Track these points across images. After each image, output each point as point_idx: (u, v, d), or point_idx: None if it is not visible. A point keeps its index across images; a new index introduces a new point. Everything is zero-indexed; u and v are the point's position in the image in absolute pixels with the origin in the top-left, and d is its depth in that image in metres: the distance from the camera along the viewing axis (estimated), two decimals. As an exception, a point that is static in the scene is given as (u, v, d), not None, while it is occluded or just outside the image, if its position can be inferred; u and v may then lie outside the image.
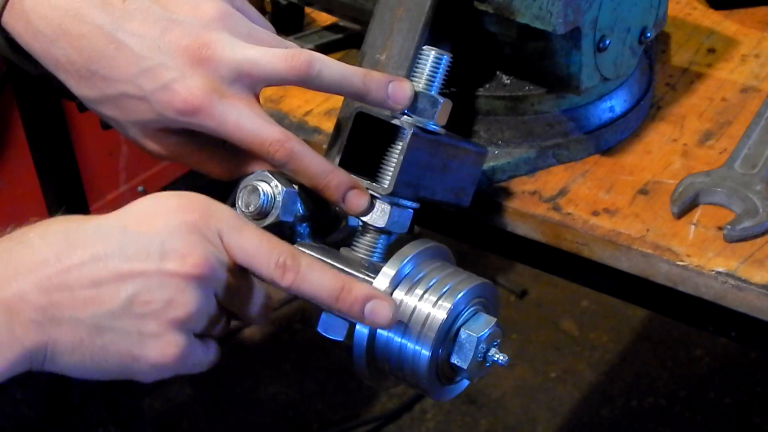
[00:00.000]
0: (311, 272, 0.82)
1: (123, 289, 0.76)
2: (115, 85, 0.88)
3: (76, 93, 0.91)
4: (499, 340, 0.87)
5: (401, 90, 0.89)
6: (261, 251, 0.81)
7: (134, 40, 0.87)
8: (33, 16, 0.89)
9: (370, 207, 0.89)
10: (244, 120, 0.87)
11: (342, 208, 0.89)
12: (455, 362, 0.86)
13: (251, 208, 0.87)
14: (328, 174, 0.88)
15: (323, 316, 0.89)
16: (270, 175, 0.87)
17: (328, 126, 1.14)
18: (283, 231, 0.89)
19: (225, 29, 0.88)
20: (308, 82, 0.88)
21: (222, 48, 0.87)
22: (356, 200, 0.89)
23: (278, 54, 0.87)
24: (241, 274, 0.82)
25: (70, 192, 1.57)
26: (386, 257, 0.89)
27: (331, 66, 0.88)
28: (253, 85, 0.88)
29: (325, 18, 1.28)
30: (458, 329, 0.85)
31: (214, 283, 0.79)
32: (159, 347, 0.78)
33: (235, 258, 0.81)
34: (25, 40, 0.91)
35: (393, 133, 0.90)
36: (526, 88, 1.08)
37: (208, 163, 0.93)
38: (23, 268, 0.75)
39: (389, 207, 0.90)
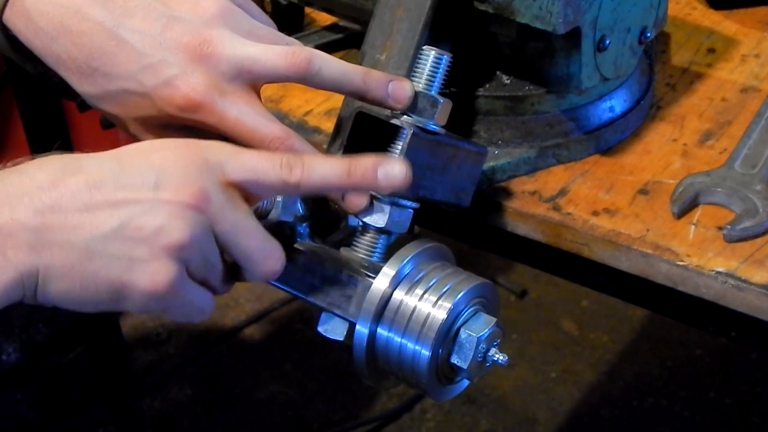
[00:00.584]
0: (316, 162, 0.82)
1: (116, 214, 0.76)
2: (116, 82, 0.89)
3: (78, 90, 0.91)
4: (499, 340, 0.87)
5: (401, 89, 0.89)
6: (263, 160, 0.80)
7: (135, 36, 0.87)
8: (34, 14, 0.90)
9: (369, 206, 0.89)
10: (244, 116, 0.87)
11: (341, 207, 0.89)
12: (455, 362, 0.86)
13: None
14: (327, 175, 0.88)
15: (323, 316, 0.89)
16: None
17: (328, 126, 1.14)
18: (283, 231, 0.89)
19: (226, 26, 0.88)
20: (308, 79, 0.88)
21: (222, 45, 0.87)
22: (355, 199, 0.89)
23: (278, 51, 0.87)
24: (244, 213, 0.80)
25: (70, 192, 1.57)
26: (386, 257, 0.89)
27: (331, 64, 0.88)
28: (254, 81, 0.88)
29: (325, 18, 1.28)
30: (458, 329, 0.85)
31: (213, 217, 0.78)
32: (149, 274, 0.77)
33: (240, 179, 0.80)
34: (26, 38, 0.91)
35: (393, 133, 0.90)
36: (526, 88, 1.08)
37: None
38: (17, 192, 0.75)
39: (389, 207, 0.90)
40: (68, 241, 0.76)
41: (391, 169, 0.84)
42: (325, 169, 0.82)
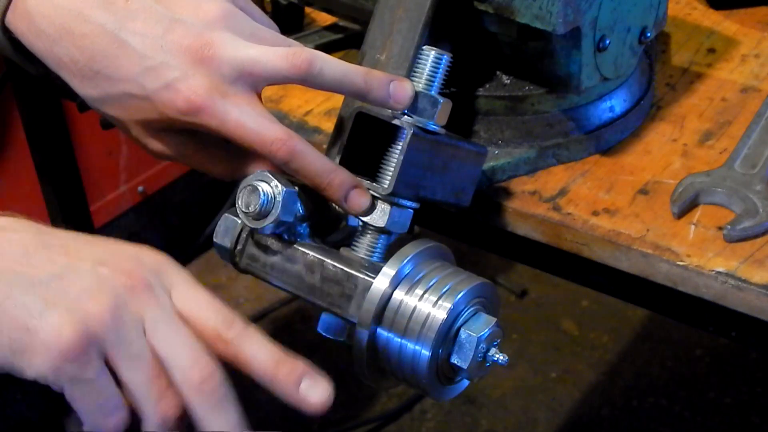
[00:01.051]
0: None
1: (50, 269, 0.74)
2: (118, 85, 0.89)
3: (79, 92, 0.91)
4: (499, 340, 0.87)
5: (402, 89, 0.89)
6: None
7: (137, 39, 0.87)
8: (36, 16, 0.90)
9: (372, 207, 0.89)
10: (245, 119, 0.87)
11: (343, 208, 0.89)
12: (455, 362, 0.86)
13: (251, 208, 0.87)
14: (330, 173, 0.88)
15: (323, 316, 0.89)
16: (270, 175, 0.87)
17: (328, 126, 1.14)
18: (283, 231, 0.89)
19: (227, 28, 0.88)
20: (309, 80, 0.88)
21: (224, 47, 0.87)
22: (358, 200, 0.89)
23: (280, 53, 0.87)
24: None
25: (70, 192, 1.57)
26: (386, 257, 0.89)
27: (332, 64, 0.88)
28: (255, 83, 0.88)
29: (325, 18, 1.28)
30: (458, 329, 0.85)
31: (145, 309, 0.75)
32: (56, 325, 0.71)
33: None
34: (28, 40, 0.91)
35: (393, 133, 0.90)
36: (526, 88, 1.08)
37: (209, 162, 0.94)
38: None
39: (389, 207, 0.90)
40: None
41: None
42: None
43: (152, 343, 0.75)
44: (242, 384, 2.22)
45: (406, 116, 0.90)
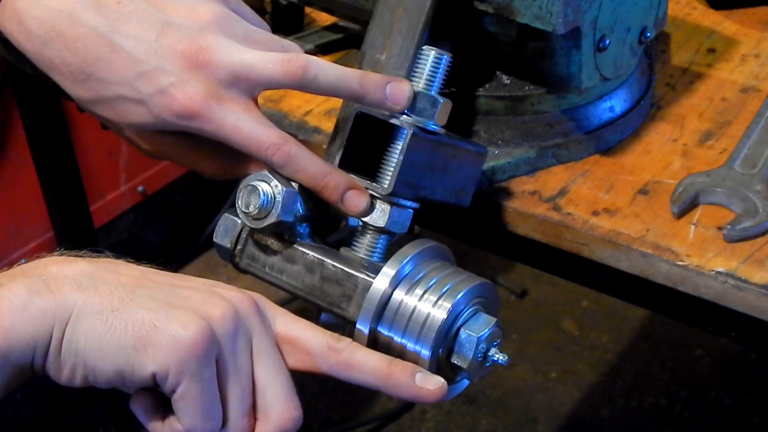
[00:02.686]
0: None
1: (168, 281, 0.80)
2: (111, 88, 0.88)
3: (71, 94, 0.91)
4: (499, 340, 0.87)
5: (400, 90, 0.89)
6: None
7: (130, 43, 0.87)
8: (26, 17, 0.89)
9: (370, 207, 0.89)
10: (241, 123, 0.87)
11: (341, 209, 0.89)
12: (455, 362, 0.86)
13: (251, 208, 0.87)
14: (327, 175, 0.88)
15: (323, 316, 0.89)
16: (270, 175, 0.87)
17: (328, 126, 1.14)
18: (283, 231, 0.89)
19: (221, 32, 0.88)
20: (305, 86, 0.88)
21: (219, 52, 0.87)
22: (355, 200, 0.89)
23: (275, 58, 0.87)
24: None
25: (70, 192, 1.57)
26: (386, 257, 0.89)
27: (327, 69, 0.88)
28: (251, 88, 0.88)
29: (325, 18, 1.28)
30: (458, 329, 0.85)
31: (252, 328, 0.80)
32: (182, 320, 0.75)
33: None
34: (18, 41, 0.91)
35: (393, 133, 0.90)
36: (526, 88, 1.08)
37: (203, 162, 0.93)
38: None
39: (389, 207, 0.90)
40: (116, 284, 0.76)
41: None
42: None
43: (254, 368, 0.79)
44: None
45: (405, 116, 0.90)
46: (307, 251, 0.89)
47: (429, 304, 0.85)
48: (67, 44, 0.88)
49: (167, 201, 2.56)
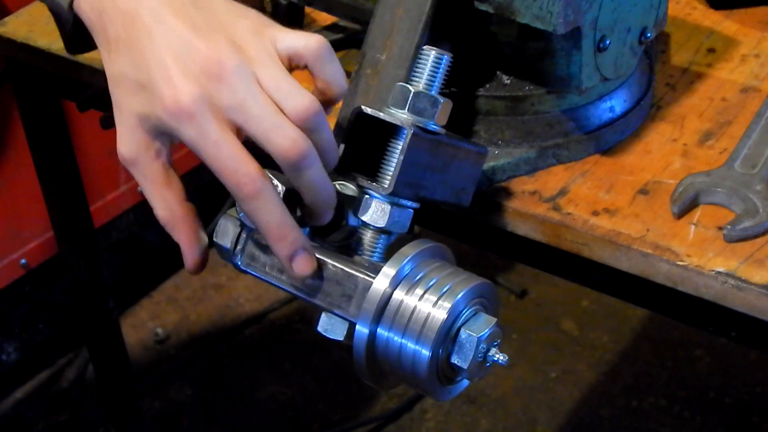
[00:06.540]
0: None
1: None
2: (134, 70, 0.87)
3: (105, 67, 0.91)
4: (499, 340, 0.87)
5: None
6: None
7: (168, 35, 0.87)
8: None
9: (315, 274, 0.88)
10: (224, 143, 0.84)
11: (285, 266, 0.88)
12: (455, 362, 0.86)
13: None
14: (285, 228, 0.86)
15: (323, 316, 0.89)
16: (270, 175, 0.87)
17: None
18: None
19: (251, 65, 0.86)
20: (293, 171, 0.86)
21: (235, 79, 0.85)
22: (302, 264, 0.87)
23: (282, 132, 0.85)
24: None
25: (70, 192, 1.57)
26: (386, 257, 0.89)
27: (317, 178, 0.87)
28: (242, 128, 0.86)
29: (325, 18, 1.28)
30: (458, 329, 0.85)
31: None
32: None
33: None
34: (89, 17, 0.91)
35: (393, 133, 0.90)
36: (526, 88, 1.08)
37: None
38: None
39: (389, 207, 0.90)
40: None
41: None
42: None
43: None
44: (242, 384, 2.22)
45: (406, 116, 0.90)
46: (307, 251, 0.89)
47: (429, 304, 0.85)
48: (124, 22, 0.88)
49: (167, 201, 2.56)
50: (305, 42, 0.89)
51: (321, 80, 0.90)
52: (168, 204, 0.90)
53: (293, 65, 0.89)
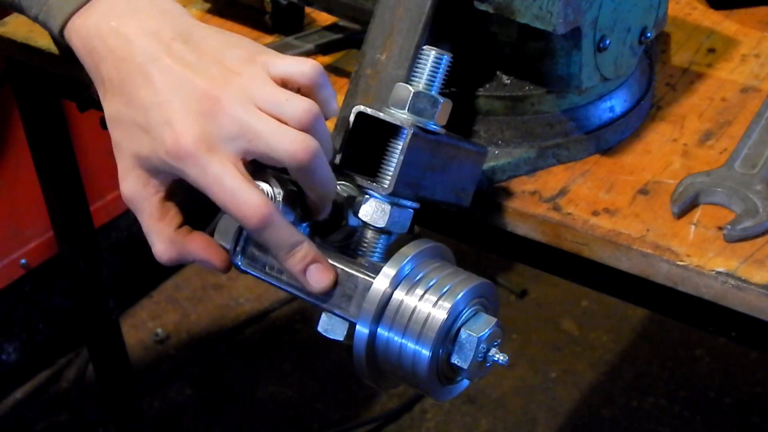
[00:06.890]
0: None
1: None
2: (131, 112, 0.87)
3: (103, 107, 0.91)
4: (499, 340, 0.87)
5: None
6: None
7: (162, 76, 0.87)
8: (94, 36, 0.90)
9: (333, 286, 0.88)
10: (224, 177, 0.85)
11: (301, 282, 0.88)
12: (455, 362, 0.86)
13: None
14: (296, 245, 0.87)
15: (323, 316, 0.89)
16: (266, 182, 0.87)
17: (328, 126, 1.14)
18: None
19: (247, 92, 0.87)
20: (302, 173, 0.86)
21: (233, 108, 0.85)
22: (318, 275, 0.88)
23: (288, 140, 0.85)
24: None
25: (70, 192, 1.57)
26: (386, 257, 0.89)
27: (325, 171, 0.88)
28: (248, 153, 0.86)
29: (325, 18, 1.28)
30: (458, 329, 0.86)
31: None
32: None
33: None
34: (80, 54, 0.92)
35: (393, 133, 0.90)
36: (526, 88, 1.08)
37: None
38: None
39: (389, 207, 0.90)
40: None
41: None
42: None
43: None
44: (242, 384, 2.23)
45: (406, 116, 0.90)
46: (307, 251, 0.89)
47: (429, 304, 0.85)
48: (116, 63, 0.88)
49: (167, 201, 2.56)
50: (300, 68, 0.89)
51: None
52: (165, 236, 0.91)
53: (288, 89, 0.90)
